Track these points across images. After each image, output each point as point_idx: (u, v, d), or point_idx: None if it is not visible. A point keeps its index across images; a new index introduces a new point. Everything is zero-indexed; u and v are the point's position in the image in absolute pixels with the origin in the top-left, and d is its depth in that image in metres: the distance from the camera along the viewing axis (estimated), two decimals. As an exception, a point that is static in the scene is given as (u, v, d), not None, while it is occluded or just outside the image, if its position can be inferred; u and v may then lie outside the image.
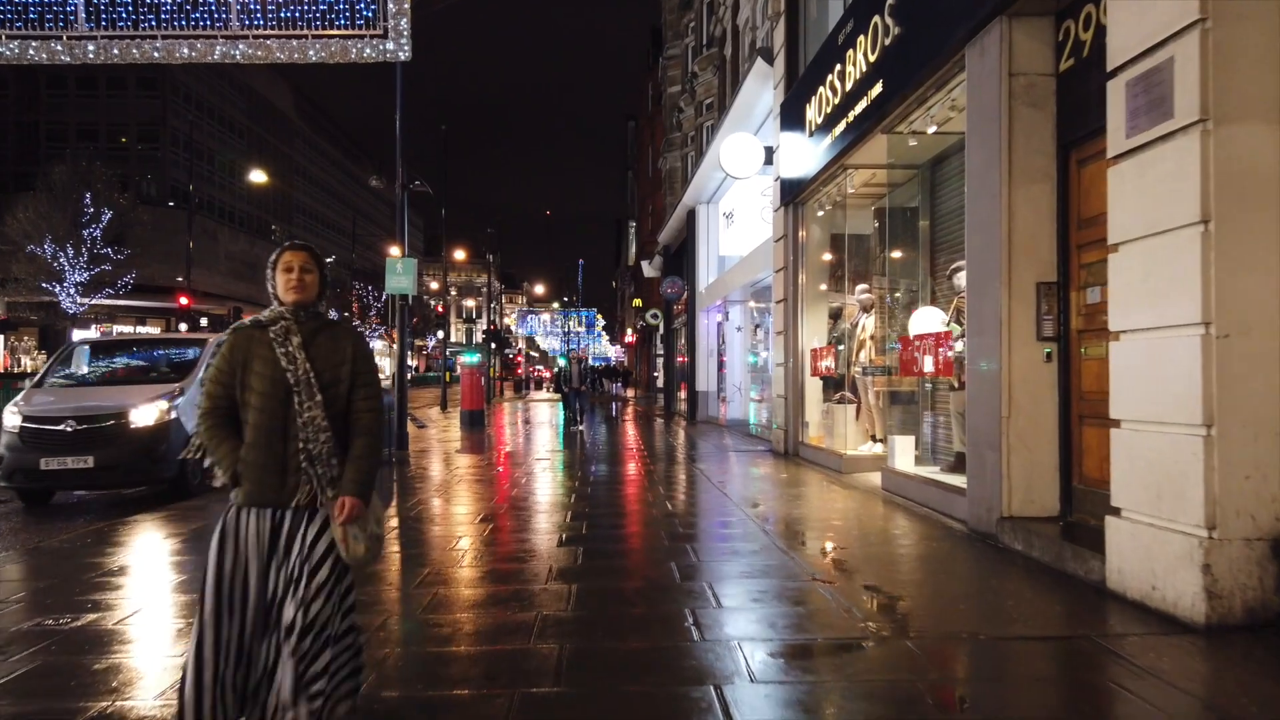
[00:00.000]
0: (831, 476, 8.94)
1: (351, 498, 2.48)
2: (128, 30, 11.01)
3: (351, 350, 2.59)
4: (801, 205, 11.06)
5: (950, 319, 7.31)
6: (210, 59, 11.00)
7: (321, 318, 2.63)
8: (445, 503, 7.52)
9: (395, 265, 12.95)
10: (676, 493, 8.06)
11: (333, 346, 2.57)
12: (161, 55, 10.96)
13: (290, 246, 2.60)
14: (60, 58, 10.98)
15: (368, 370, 2.60)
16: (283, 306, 2.56)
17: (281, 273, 2.57)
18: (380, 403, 2.63)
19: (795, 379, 11.13)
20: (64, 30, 11.00)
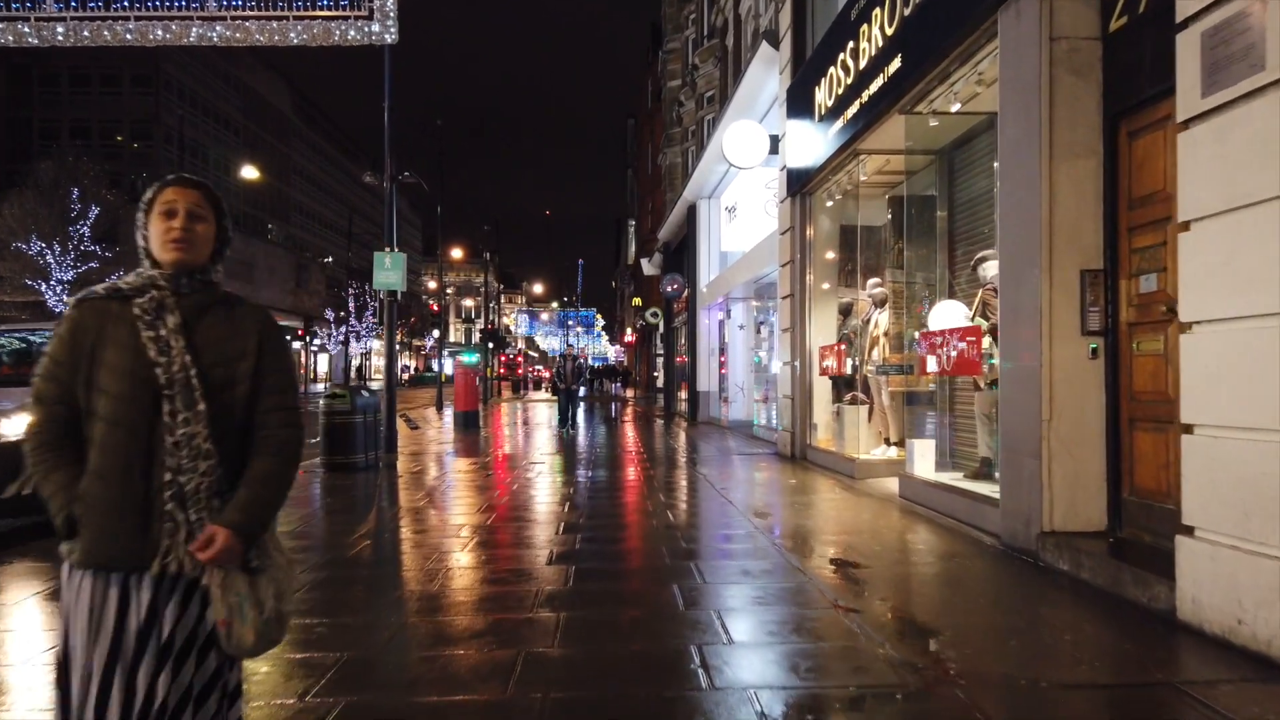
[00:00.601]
0: (843, 482, 8.38)
1: (227, 530, 1.69)
2: (99, 11, 10.45)
3: (257, 338, 1.85)
4: (809, 196, 10.49)
5: (975, 313, 6.75)
6: (186, 41, 10.42)
7: (214, 289, 1.89)
8: (428, 512, 6.95)
9: (383, 260, 12.37)
10: (678, 501, 7.49)
11: (229, 331, 1.83)
12: (135, 37, 10.38)
13: (174, 181, 1.85)
14: (27, 40, 10.41)
15: (280, 368, 1.88)
16: (156, 270, 1.82)
17: (159, 218, 1.82)
18: (298, 415, 1.92)
19: (802, 379, 10.56)
20: (31, 11, 10.43)
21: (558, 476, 9.25)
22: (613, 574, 4.80)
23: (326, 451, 10.04)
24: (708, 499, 7.51)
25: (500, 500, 7.50)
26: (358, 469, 10.04)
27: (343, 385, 10.94)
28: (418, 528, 6.22)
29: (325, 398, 10.21)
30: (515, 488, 8.33)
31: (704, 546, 5.49)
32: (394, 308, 12.56)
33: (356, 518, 6.74)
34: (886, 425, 9.01)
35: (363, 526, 6.26)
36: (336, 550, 5.36)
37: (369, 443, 10.37)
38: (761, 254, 13.63)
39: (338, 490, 8.30)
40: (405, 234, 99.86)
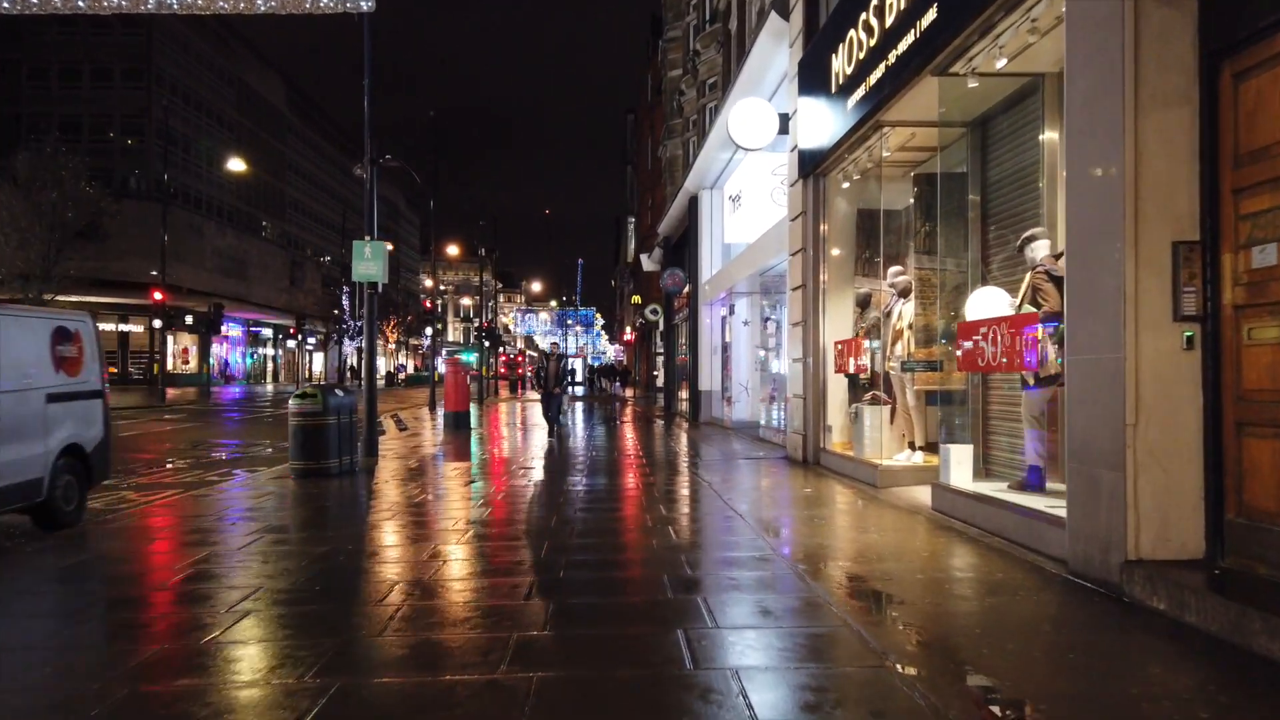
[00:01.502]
0: (863, 491, 7.51)
1: None
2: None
3: None
4: (823, 177, 9.63)
5: (1022, 300, 5.88)
6: (144, 8, 9.54)
7: None
8: (396, 528, 6.09)
9: (362, 249, 11.51)
10: (680, 515, 6.63)
11: None
12: (86, 4, 9.52)
13: None
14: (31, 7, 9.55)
15: None
16: None
17: None
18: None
19: (815, 377, 9.69)
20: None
21: (548, 485, 8.39)
22: (603, 613, 3.93)
23: (296, 456, 9.19)
24: (713, 512, 6.64)
25: (479, 513, 6.64)
26: (330, 475, 9.19)
27: (314, 385, 10.08)
28: (378, 550, 5.36)
29: (294, 398, 9.35)
30: (499, 498, 7.47)
31: (712, 574, 4.62)
32: (374, 301, 11.70)
33: (312, 535, 5.88)
34: (911, 428, 8.15)
35: (318, 546, 5.40)
36: (278, 579, 4.50)
37: (343, 446, 9.52)
38: (768, 244, 12.77)
39: (301, 500, 7.44)
40: (404, 232, 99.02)
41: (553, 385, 14.75)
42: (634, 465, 10.10)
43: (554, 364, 15.03)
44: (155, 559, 5.34)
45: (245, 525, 6.17)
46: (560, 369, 14.99)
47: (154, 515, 6.80)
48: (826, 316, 9.65)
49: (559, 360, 15.27)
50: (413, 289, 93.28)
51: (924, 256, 7.94)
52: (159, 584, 4.63)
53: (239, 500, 7.51)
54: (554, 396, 14.72)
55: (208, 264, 48.52)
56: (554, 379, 14.79)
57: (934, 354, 7.87)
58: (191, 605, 4.06)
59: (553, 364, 15.02)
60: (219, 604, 4.05)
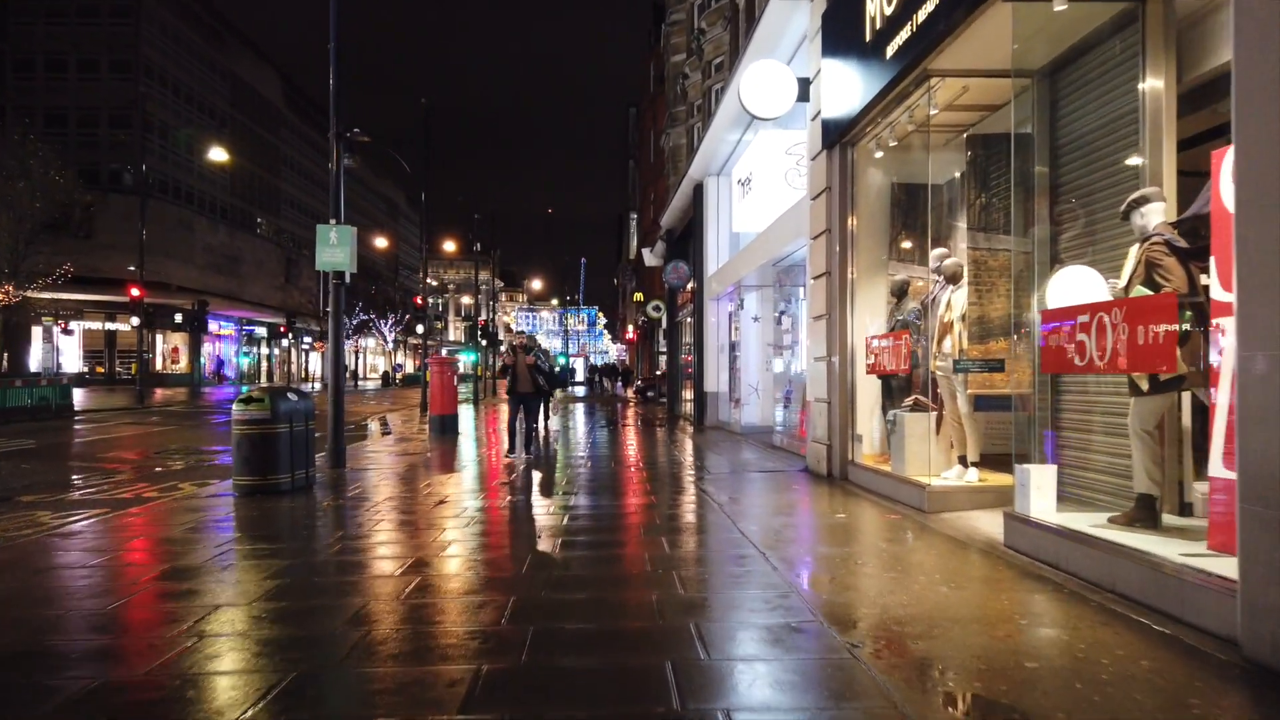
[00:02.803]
0: (908, 518, 6.20)
1: None
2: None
3: None
4: (851, 147, 8.32)
5: (1131, 280, 4.56)
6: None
7: None
8: (339, 565, 4.80)
9: (327, 234, 10.22)
10: (686, 554, 5.31)
11: None
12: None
13: None
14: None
15: None
16: None
17: None
18: None
19: (843, 378, 8.38)
20: None
21: (529, 508, 7.08)
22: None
23: (241, 471, 7.90)
24: (727, 549, 5.32)
25: (443, 545, 5.33)
26: (280, 493, 7.91)
27: (262, 387, 8.80)
28: (311, 593, 4.06)
29: (238, 402, 8.06)
30: (469, 525, 6.16)
31: (740, 663, 3.30)
32: (341, 292, 10.40)
33: (213, 584, 4.57)
34: (962, 439, 6.83)
35: (221, 593, 4.10)
36: (120, 664, 3.21)
37: (297, 459, 8.22)
38: (783, 230, 11.45)
39: (237, 525, 6.14)
40: (404, 230, 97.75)
41: (523, 387, 10.81)
42: (633, 481, 8.79)
43: (522, 358, 10.85)
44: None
45: (144, 567, 4.88)
46: (536, 365, 10.84)
47: (33, 553, 5.50)
48: (855, 308, 8.34)
49: (528, 353, 10.95)
50: (412, 287, 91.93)
51: (979, 234, 6.62)
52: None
53: (162, 527, 6.21)
54: (526, 402, 10.85)
55: (198, 260, 47.30)
56: (527, 380, 10.79)
57: (991, 350, 6.56)
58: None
59: (519, 358, 10.86)
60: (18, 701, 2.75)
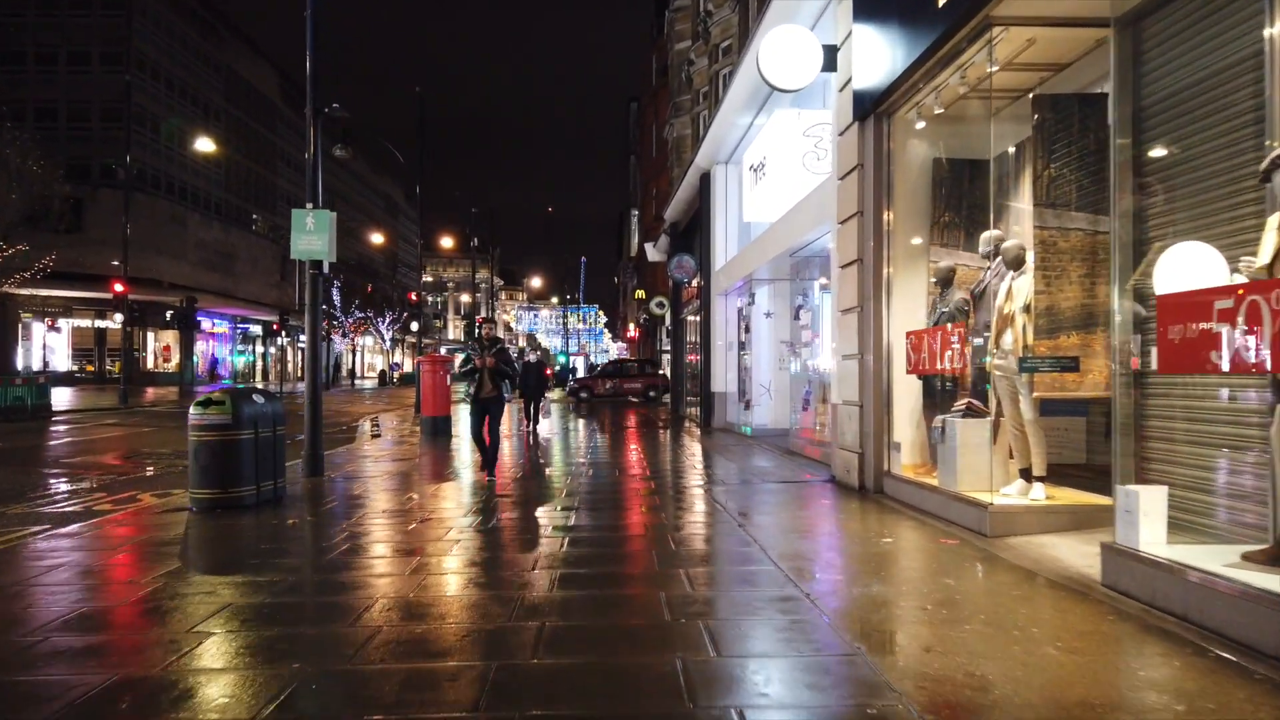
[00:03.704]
0: (969, 543, 5.26)
1: None
2: None
3: None
4: (888, 118, 7.37)
5: (1278, 257, 3.62)
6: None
7: None
8: (285, 610, 3.86)
9: (303, 219, 9.28)
10: (712, 594, 4.38)
11: None
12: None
13: None
14: None
15: None
16: None
17: None
18: None
19: (877, 378, 7.44)
20: None
21: (523, 529, 6.14)
22: None
23: (198, 483, 6.98)
24: (767, 586, 4.38)
25: (415, 586, 4.39)
26: (243, 507, 6.99)
27: (224, 389, 7.87)
28: (221, 678, 3.11)
29: (195, 405, 7.13)
30: (452, 552, 5.23)
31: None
32: (318, 283, 9.47)
33: (140, 631, 3.64)
34: (1026, 450, 5.89)
35: (127, 658, 3.16)
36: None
37: (263, 469, 7.31)
38: (802, 216, 10.51)
39: (184, 550, 5.21)
40: (403, 228, 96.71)
41: (487, 391, 8.49)
42: (640, 494, 7.85)
43: (488, 356, 8.45)
44: None
45: (44, 609, 3.94)
46: (501, 369, 8.47)
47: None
48: (892, 300, 7.40)
49: (495, 348, 8.56)
50: (411, 285, 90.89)
51: (1046, 211, 5.67)
52: None
53: (94, 553, 5.27)
54: (489, 407, 8.55)
55: (191, 257, 46.33)
56: (490, 381, 8.48)
57: (1062, 345, 5.62)
58: None
59: (485, 354, 8.46)
60: None
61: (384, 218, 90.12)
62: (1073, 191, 5.62)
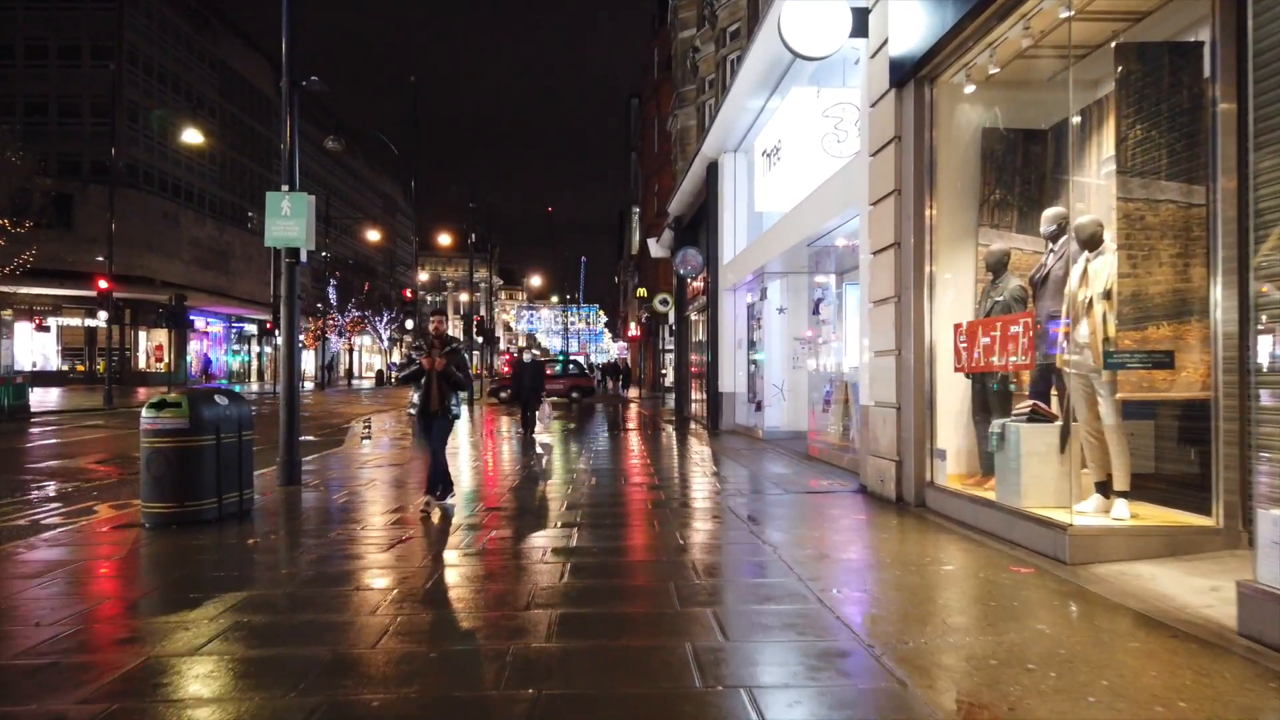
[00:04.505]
0: (1047, 572, 4.43)
1: None
2: None
3: None
4: (930, 83, 6.54)
5: None
6: None
7: None
8: (215, 669, 3.03)
9: (279, 203, 8.46)
10: (753, 648, 3.56)
11: None
12: None
13: None
14: None
15: None
16: None
17: None
18: None
19: (918, 378, 6.60)
20: None
21: (518, 553, 5.31)
22: None
23: (151, 496, 6.15)
24: (816, 635, 3.55)
25: (381, 631, 3.56)
26: (204, 522, 6.18)
27: (181, 390, 7.05)
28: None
29: (148, 408, 6.30)
30: (434, 585, 4.39)
31: None
32: (294, 273, 8.64)
33: (18, 700, 2.81)
34: (1102, 460, 5.06)
35: None
36: None
37: (228, 478, 6.48)
38: (824, 201, 9.68)
39: (122, 576, 4.37)
40: (401, 226, 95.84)
41: (433, 403, 6.78)
42: (651, 509, 7.01)
43: (439, 359, 6.74)
44: None
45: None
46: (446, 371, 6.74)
47: None
48: (935, 288, 6.57)
49: (452, 353, 6.83)
50: (409, 284, 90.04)
51: (1133, 181, 4.84)
52: None
53: (13, 581, 4.44)
54: (438, 421, 6.85)
55: (184, 254, 45.49)
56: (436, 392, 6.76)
57: (1151, 338, 4.78)
58: None
59: (437, 359, 6.74)
60: None
61: (382, 216, 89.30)
62: (1163, 157, 4.79)
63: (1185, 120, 4.77)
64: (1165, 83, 4.82)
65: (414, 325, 23.02)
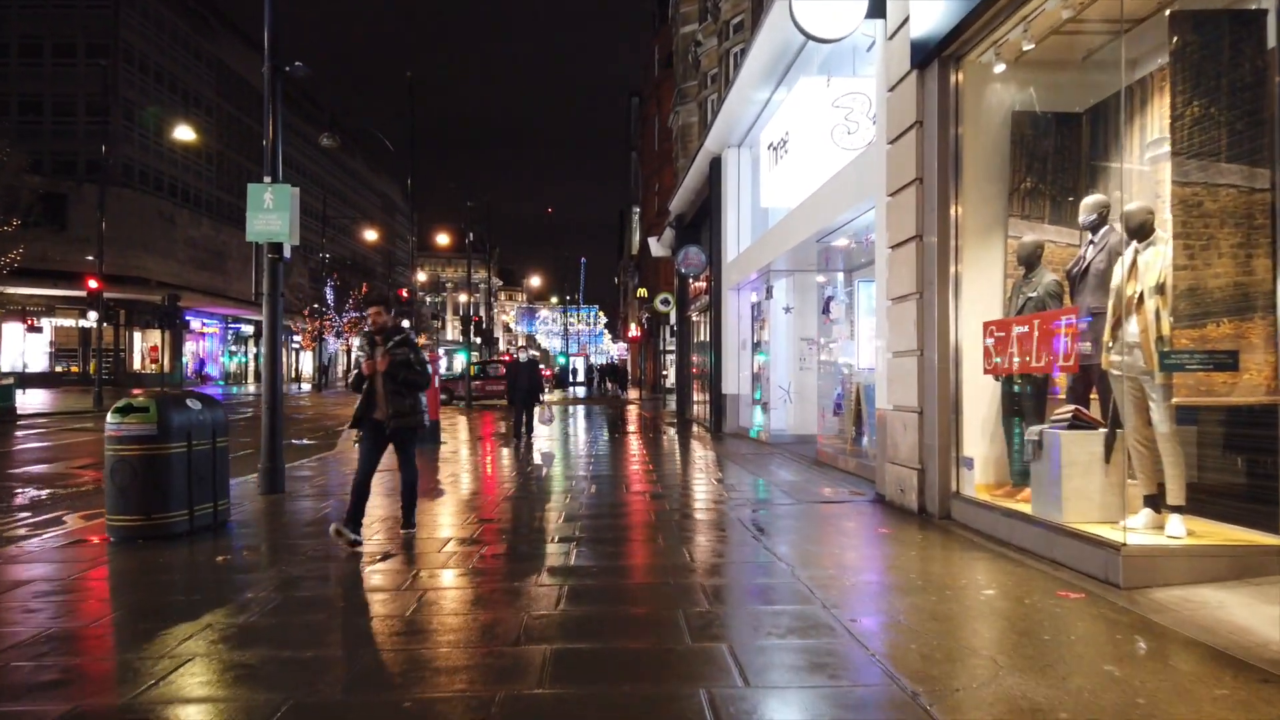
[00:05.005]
0: (1099, 597, 3.97)
1: None
2: None
3: None
4: (958, 61, 6.08)
5: None
6: None
7: None
8: (169, 712, 2.59)
9: (261, 196, 8.00)
10: (761, 682, 3.10)
11: None
12: None
13: None
14: None
15: None
16: None
17: None
18: None
19: (943, 380, 6.14)
20: None
21: (509, 574, 4.84)
22: None
23: (117, 508, 5.71)
24: (846, 672, 3.09)
25: (340, 675, 3.11)
26: (173, 536, 5.75)
27: (149, 393, 6.60)
28: None
29: (113, 412, 5.84)
30: (409, 611, 3.93)
31: None
32: (279, 270, 8.17)
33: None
34: (1152, 471, 4.60)
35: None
36: None
37: (201, 489, 6.03)
38: (836, 194, 9.22)
39: (65, 600, 3.90)
40: (400, 227, 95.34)
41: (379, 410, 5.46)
42: (651, 520, 6.55)
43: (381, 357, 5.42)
44: None
45: None
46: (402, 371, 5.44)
47: None
48: (961, 284, 6.11)
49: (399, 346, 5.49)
50: (409, 285, 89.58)
51: (1190, 164, 4.38)
52: None
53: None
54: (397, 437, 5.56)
55: (179, 254, 45.00)
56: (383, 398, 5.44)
57: (1210, 337, 4.32)
58: None
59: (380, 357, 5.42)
60: None
61: (381, 217, 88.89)
62: (1223, 137, 4.34)
63: (1247, 97, 4.32)
64: (1225, 55, 4.37)
65: (409, 325, 22.58)
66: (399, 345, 5.56)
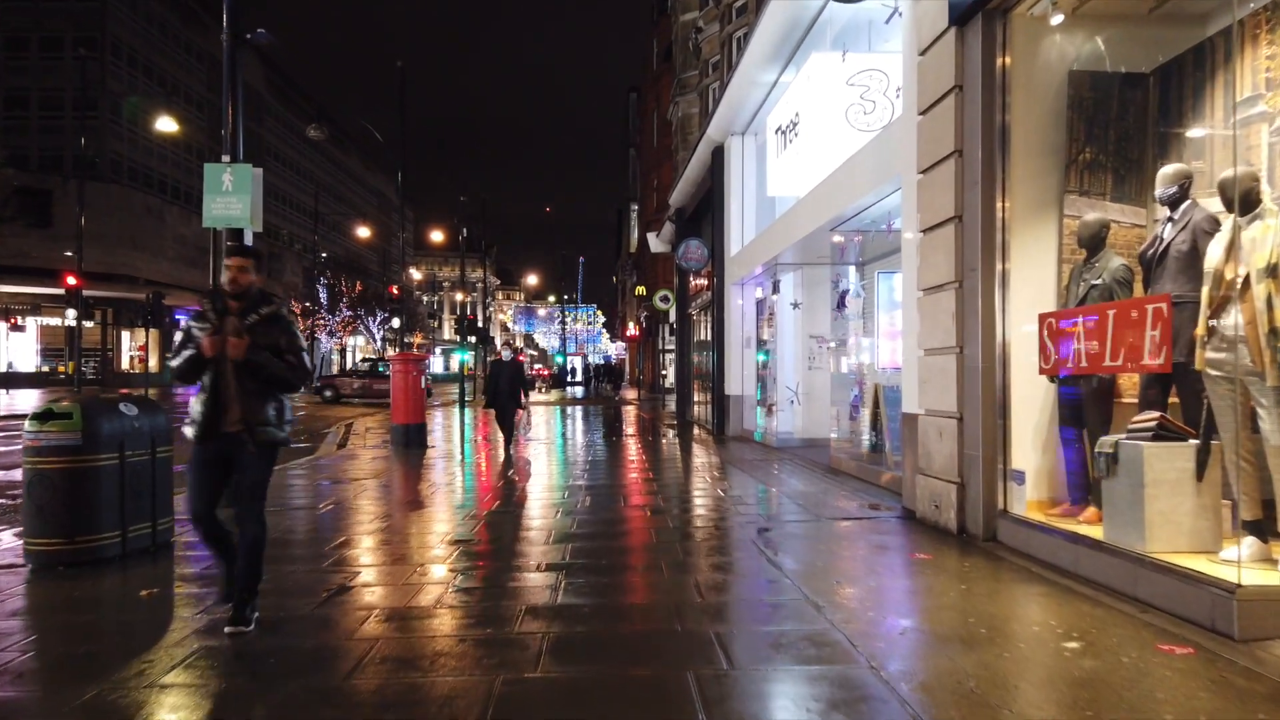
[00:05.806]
0: (1209, 652, 3.19)
1: None
2: None
3: None
4: (1004, 15, 5.29)
5: None
6: None
7: None
8: None
9: (219, 177, 7.25)
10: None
11: None
12: None
13: None
14: None
15: None
16: None
17: None
18: None
19: (987, 380, 5.35)
20: None
21: (484, 607, 4.05)
22: None
23: (35, 529, 4.94)
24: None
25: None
26: (103, 561, 5.01)
27: (75, 397, 5.82)
28: None
29: (30, 419, 5.05)
30: (365, 660, 3.14)
31: None
32: (238, 259, 7.35)
33: None
34: (1257, 491, 3.81)
35: None
36: None
37: (136, 507, 5.26)
38: (853, 177, 8.44)
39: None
40: (395, 225, 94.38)
41: (230, 420, 3.64)
42: (651, 542, 5.76)
43: (236, 338, 3.56)
44: None
45: None
46: (252, 360, 3.57)
47: None
48: (1009, 270, 5.32)
49: (267, 322, 3.67)
50: (403, 284, 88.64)
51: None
52: None
53: None
54: (244, 455, 3.64)
55: (169, 252, 44.18)
56: (239, 396, 3.63)
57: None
58: None
59: (231, 336, 3.57)
60: None
61: (376, 214, 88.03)
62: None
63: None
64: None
65: (400, 324, 21.52)
66: (266, 322, 3.65)
